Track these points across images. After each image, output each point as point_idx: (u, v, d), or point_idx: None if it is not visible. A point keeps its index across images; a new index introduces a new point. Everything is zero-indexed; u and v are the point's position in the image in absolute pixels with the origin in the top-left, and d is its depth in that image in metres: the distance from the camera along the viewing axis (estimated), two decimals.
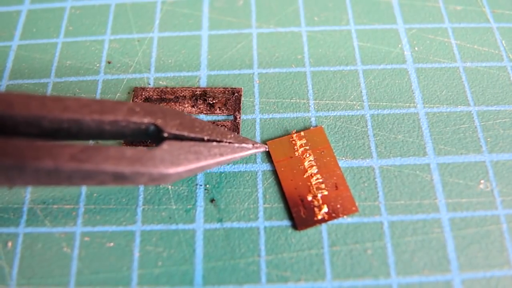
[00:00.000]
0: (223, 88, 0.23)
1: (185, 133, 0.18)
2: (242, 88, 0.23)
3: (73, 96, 0.20)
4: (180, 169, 0.17)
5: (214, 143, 0.18)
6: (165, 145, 0.17)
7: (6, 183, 0.16)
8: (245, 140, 0.19)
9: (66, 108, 0.17)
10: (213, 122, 0.22)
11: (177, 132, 0.18)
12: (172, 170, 0.17)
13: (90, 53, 0.25)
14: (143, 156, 0.17)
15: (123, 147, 0.17)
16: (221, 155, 0.18)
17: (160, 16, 0.26)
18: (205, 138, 0.18)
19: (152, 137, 0.18)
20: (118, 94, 0.23)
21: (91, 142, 0.21)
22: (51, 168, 0.15)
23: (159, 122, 0.18)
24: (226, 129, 0.19)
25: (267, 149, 0.20)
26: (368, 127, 0.22)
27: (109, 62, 0.25)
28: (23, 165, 0.15)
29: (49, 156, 0.15)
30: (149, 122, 0.18)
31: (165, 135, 0.18)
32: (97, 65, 0.24)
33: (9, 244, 0.20)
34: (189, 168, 0.17)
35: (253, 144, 0.19)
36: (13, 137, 0.16)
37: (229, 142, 0.19)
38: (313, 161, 0.21)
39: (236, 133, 0.19)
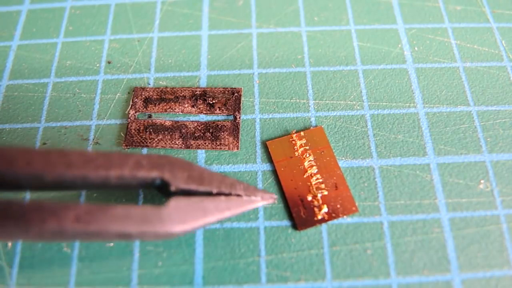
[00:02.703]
0: (223, 88, 0.23)
1: (193, 187, 0.17)
2: (242, 88, 0.23)
3: (77, 150, 0.19)
4: (187, 227, 0.17)
5: (222, 197, 0.18)
6: (172, 202, 0.17)
7: (9, 239, 0.16)
8: (254, 192, 0.18)
9: (70, 164, 0.16)
10: (213, 122, 0.22)
11: (185, 187, 0.17)
12: (178, 228, 0.17)
13: (90, 53, 0.25)
14: (149, 216, 0.16)
15: (130, 206, 0.16)
16: (229, 209, 0.18)
17: (160, 16, 0.26)
18: (214, 191, 0.18)
19: (159, 189, 0.18)
20: (118, 94, 0.23)
21: None
22: (55, 229, 0.15)
23: (166, 176, 0.17)
24: (235, 180, 0.18)
25: (276, 201, 0.19)
26: (368, 127, 0.22)
27: (109, 62, 0.25)
28: (28, 227, 0.15)
29: (54, 218, 0.15)
30: (156, 177, 0.17)
31: (173, 189, 0.17)
32: (97, 65, 0.24)
33: (9, 244, 0.20)
34: (195, 225, 0.17)
35: (261, 196, 0.19)
36: (15, 190, 0.16)
37: (238, 195, 0.18)
38: (313, 161, 0.21)
39: (245, 183, 0.18)
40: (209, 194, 0.18)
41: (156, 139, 0.22)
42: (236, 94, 0.23)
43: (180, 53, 0.25)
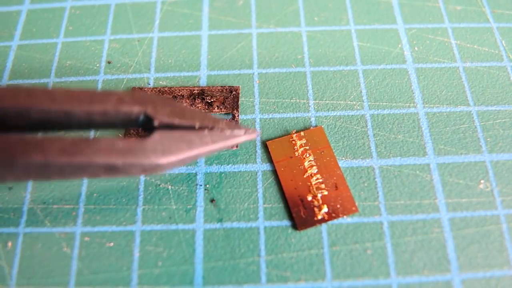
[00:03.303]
0: (221, 86, 0.23)
1: (176, 121, 0.18)
2: (240, 86, 0.23)
3: (62, 87, 0.19)
4: (172, 158, 0.17)
5: (206, 131, 0.18)
6: (156, 135, 0.17)
7: None
8: (237, 127, 0.19)
9: (55, 99, 0.17)
10: None
11: (168, 120, 0.17)
12: (164, 160, 0.17)
13: (90, 53, 0.25)
14: (134, 147, 0.16)
15: (114, 138, 0.17)
16: (213, 142, 0.18)
17: (160, 16, 0.26)
18: (197, 125, 0.18)
19: (142, 126, 0.18)
20: None
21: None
22: (41, 162, 0.15)
23: (149, 110, 0.17)
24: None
25: (259, 136, 0.19)
26: (368, 127, 0.22)
27: (109, 62, 0.25)
28: (13, 160, 0.15)
29: (39, 150, 0.15)
30: (139, 111, 0.17)
31: (156, 123, 0.17)
32: (97, 65, 0.24)
33: (9, 244, 0.20)
34: (181, 157, 0.17)
35: (245, 131, 0.19)
36: (2, 131, 0.16)
37: (221, 129, 0.18)
38: (313, 161, 0.21)
39: (227, 120, 0.19)
40: (192, 128, 0.18)
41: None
42: (234, 92, 0.23)
43: (180, 53, 0.25)
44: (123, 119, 0.17)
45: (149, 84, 0.24)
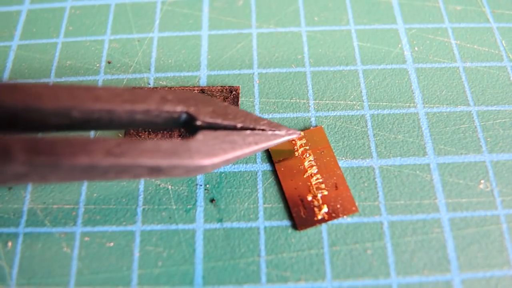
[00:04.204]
0: (221, 86, 0.23)
1: (219, 121, 0.17)
2: (240, 86, 0.23)
3: (103, 86, 0.19)
4: (216, 160, 0.17)
5: (248, 131, 0.18)
6: (200, 136, 0.17)
7: (39, 180, 0.15)
8: (278, 126, 0.19)
9: (97, 98, 0.16)
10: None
11: (210, 120, 0.17)
12: (208, 161, 0.16)
13: (90, 53, 0.25)
14: (178, 149, 0.16)
15: (158, 140, 0.16)
16: (256, 143, 0.18)
17: (160, 16, 0.26)
18: (238, 125, 0.18)
19: (184, 125, 0.18)
20: None
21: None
22: (87, 164, 0.15)
23: (191, 110, 0.17)
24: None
25: (301, 135, 0.19)
26: (368, 127, 0.22)
27: (109, 62, 0.25)
28: (58, 163, 0.15)
29: (85, 152, 0.15)
30: (182, 111, 0.17)
31: (198, 123, 0.17)
32: (97, 65, 0.24)
33: (9, 244, 0.20)
34: (225, 158, 0.17)
35: (286, 131, 0.19)
36: (42, 130, 0.15)
37: (262, 129, 0.18)
38: (313, 161, 0.21)
39: (268, 120, 0.18)
40: (233, 128, 0.18)
41: (155, 139, 0.22)
42: (234, 92, 0.23)
43: (180, 53, 0.25)
44: (165, 118, 0.17)
45: (149, 84, 0.24)
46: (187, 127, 0.18)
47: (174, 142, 0.16)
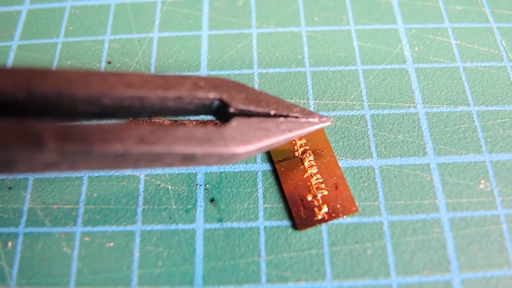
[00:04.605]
0: None
1: (252, 108, 0.17)
2: None
3: (134, 72, 0.18)
4: (251, 147, 0.16)
5: (281, 119, 0.17)
6: (234, 123, 0.16)
7: (68, 169, 0.15)
8: (311, 114, 0.18)
9: (129, 84, 0.16)
10: (212, 120, 0.22)
11: (244, 107, 0.17)
12: (243, 149, 0.16)
13: (90, 53, 0.25)
14: (213, 136, 0.16)
15: (192, 127, 0.16)
16: (290, 131, 0.17)
17: (160, 16, 0.26)
18: (272, 112, 0.17)
19: (216, 112, 0.17)
20: None
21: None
22: (119, 152, 0.15)
23: (224, 97, 0.17)
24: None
25: (333, 123, 0.19)
26: (368, 127, 0.22)
27: (109, 62, 0.25)
28: (90, 150, 0.14)
29: (117, 139, 0.15)
30: (215, 97, 0.17)
31: (231, 110, 0.17)
32: (97, 65, 0.24)
33: (9, 244, 0.20)
34: (259, 146, 0.16)
35: (319, 118, 0.18)
36: (72, 118, 0.15)
37: (296, 117, 0.18)
38: (313, 161, 0.21)
39: (301, 107, 0.18)
40: (267, 115, 0.17)
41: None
42: None
43: (180, 53, 0.25)
44: (197, 104, 0.17)
45: None
46: (218, 115, 0.17)
47: (208, 129, 0.16)
